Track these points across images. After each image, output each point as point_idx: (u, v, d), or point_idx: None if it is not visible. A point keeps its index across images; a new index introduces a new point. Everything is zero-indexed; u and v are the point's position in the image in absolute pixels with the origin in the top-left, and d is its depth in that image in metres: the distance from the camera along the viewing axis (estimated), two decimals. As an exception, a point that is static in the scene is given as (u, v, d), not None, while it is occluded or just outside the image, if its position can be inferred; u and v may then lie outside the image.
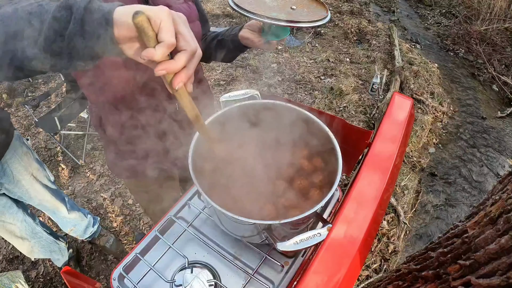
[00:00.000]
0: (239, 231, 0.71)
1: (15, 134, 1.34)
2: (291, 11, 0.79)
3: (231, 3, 0.78)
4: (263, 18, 0.73)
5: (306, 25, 0.74)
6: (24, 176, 1.39)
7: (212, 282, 0.69)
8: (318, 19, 0.76)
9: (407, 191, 2.40)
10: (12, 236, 1.49)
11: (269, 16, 0.73)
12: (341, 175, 0.65)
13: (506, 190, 0.65)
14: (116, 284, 0.70)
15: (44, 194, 1.52)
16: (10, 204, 1.41)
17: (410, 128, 0.81)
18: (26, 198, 1.45)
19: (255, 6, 0.77)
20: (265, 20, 0.73)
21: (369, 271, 1.91)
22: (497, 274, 0.53)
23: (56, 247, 1.68)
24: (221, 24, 4.35)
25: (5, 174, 1.32)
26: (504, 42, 4.27)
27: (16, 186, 1.39)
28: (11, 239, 1.50)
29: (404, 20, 5.07)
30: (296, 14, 0.78)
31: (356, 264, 0.54)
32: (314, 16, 0.78)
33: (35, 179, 1.46)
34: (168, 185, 1.21)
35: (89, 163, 2.49)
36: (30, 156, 1.41)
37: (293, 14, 0.77)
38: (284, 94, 3.25)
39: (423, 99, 3.20)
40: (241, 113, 0.81)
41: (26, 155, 1.39)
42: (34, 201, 1.50)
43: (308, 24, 0.75)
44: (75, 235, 1.78)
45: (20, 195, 1.42)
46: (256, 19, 0.75)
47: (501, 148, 2.93)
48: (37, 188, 1.48)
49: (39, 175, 1.47)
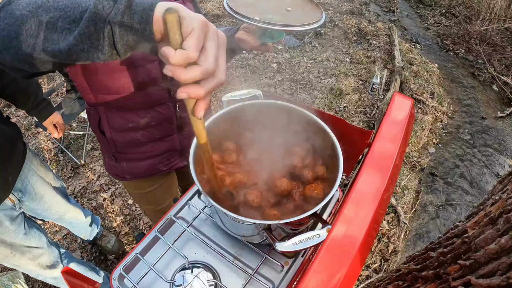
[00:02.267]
0: (239, 230, 0.71)
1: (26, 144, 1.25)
2: (286, 12, 0.79)
3: (226, 7, 0.78)
4: (257, 22, 0.73)
5: (300, 28, 0.74)
6: (45, 189, 1.29)
7: (212, 282, 0.69)
8: (312, 21, 0.76)
9: (407, 191, 2.40)
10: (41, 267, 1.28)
11: (264, 20, 0.72)
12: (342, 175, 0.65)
13: (506, 190, 0.65)
14: (116, 284, 0.70)
15: (65, 206, 1.43)
16: (31, 225, 1.24)
17: (410, 128, 0.81)
18: (46, 215, 1.34)
19: (251, 8, 0.77)
20: (259, 25, 0.73)
21: (369, 271, 1.91)
22: (497, 274, 0.53)
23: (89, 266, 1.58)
24: (221, 24, 4.35)
25: (27, 191, 1.22)
26: (504, 42, 4.27)
27: (39, 203, 1.28)
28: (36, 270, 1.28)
29: (404, 20, 5.07)
30: (291, 16, 0.78)
31: (357, 264, 0.54)
32: (309, 18, 0.77)
33: (55, 191, 1.36)
34: (166, 187, 1.21)
35: (89, 163, 2.49)
36: (43, 166, 1.32)
37: (288, 16, 0.77)
38: (284, 94, 3.25)
39: (423, 99, 3.20)
40: (243, 113, 0.81)
41: (41, 166, 1.30)
42: (54, 216, 1.40)
43: (302, 28, 0.74)
44: (85, 237, 1.74)
45: (41, 212, 1.31)
46: (250, 24, 0.75)
47: (501, 148, 2.93)
48: (59, 200, 1.39)
49: (56, 184, 1.39)
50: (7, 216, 1.13)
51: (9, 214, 1.14)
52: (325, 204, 0.60)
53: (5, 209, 1.12)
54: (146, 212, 1.37)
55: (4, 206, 1.12)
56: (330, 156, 0.74)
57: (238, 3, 0.78)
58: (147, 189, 1.16)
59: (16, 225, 1.16)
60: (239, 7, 0.76)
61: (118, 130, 0.96)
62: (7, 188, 1.10)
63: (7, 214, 1.13)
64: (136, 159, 1.04)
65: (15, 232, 1.15)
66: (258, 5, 0.80)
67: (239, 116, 0.81)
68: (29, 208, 1.27)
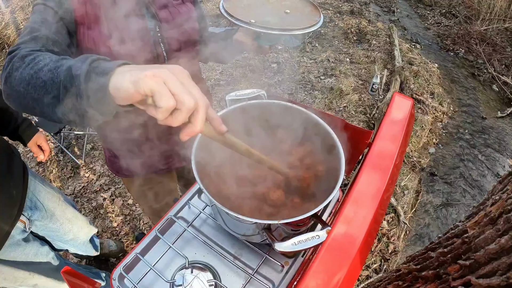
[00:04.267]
0: (240, 229, 0.71)
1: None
2: (284, 15, 0.78)
3: (223, 10, 0.77)
4: (251, 26, 0.72)
5: (297, 32, 0.73)
6: (54, 204, 1.24)
7: (212, 282, 0.69)
8: (310, 25, 0.75)
9: (407, 191, 2.40)
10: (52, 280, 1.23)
11: (259, 24, 0.72)
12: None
13: (506, 190, 0.65)
14: (116, 284, 0.70)
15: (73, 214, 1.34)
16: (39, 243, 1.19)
17: (410, 128, 0.81)
18: (60, 234, 1.27)
19: (248, 10, 0.76)
20: (254, 29, 0.72)
21: (369, 271, 1.91)
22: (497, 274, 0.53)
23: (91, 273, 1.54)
24: (222, 24, 4.35)
25: (37, 208, 1.16)
26: (504, 42, 4.27)
27: (51, 221, 1.22)
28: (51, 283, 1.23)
29: (404, 20, 5.06)
30: (288, 18, 0.77)
31: (357, 264, 0.54)
32: (307, 21, 0.77)
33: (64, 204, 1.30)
34: (167, 185, 1.21)
35: (89, 163, 2.49)
36: (46, 182, 1.25)
37: (286, 19, 0.77)
38: (284, 94, 3.25)
39: (423, 99, 3.20)
40: (245, 112, 0.81)
41: (45, 181, 1.25)
42: (69, 236, 1.32)
43: (298, 32, 0.73)
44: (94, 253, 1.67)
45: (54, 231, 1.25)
46: (242, 27, 0.74)
47: (501, 148, 2.93)
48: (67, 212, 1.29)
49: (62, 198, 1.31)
50: (20, 240, 1.10)
51: (21, 237, 1.11)
52: (325, 204, 0.60)
53: (17, 233, 1.09)
54: (145, 210, 1.37)
55: (16, 230, 1.07)
56: (332, 157, 0.74)
57: (235, 4, 0.78)
58: (146, 186, 1.16)
59: (28, 247, 1.14)
60: (236, 9, 0.75)
61: (115, 128, 0.96)
62: (13, 204, 1.05)
63: (20, 238, 1.10)
64: (135, 157, 1.05)
65: (26, 254, 1.13)
66: (256, 7, 0.79)
67: (240, 116, 0.81)
68: (40, 228, 1.22)
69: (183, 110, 0.43)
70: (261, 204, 0.72)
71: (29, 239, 1.15)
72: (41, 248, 1.19)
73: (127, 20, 0.82)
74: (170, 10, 0.90)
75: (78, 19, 0.76)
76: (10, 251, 1.07)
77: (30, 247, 1.15)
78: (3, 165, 1.02)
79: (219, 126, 0.49)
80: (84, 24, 0.77)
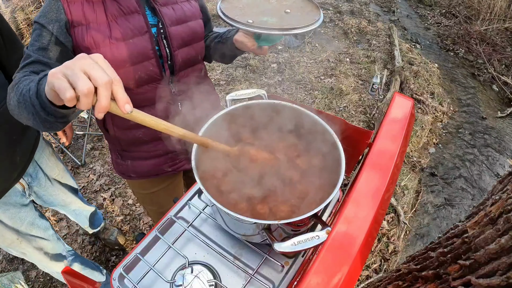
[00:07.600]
0: (240, 229, 0.71)
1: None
2: (284, 15, 0.77)
3: (220, 12, 0.76)
4: (247, 26, 0.70)
5: (296, 32, 0.72)
6: (55, 178, 1.31)
7: (212, 282, 0.69)
8: (309, 23, 0.74)
9: (407, 191, 2.40)
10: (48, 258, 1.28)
11: (256, 24, 0.71)
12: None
13: (506, 190, 0.65)
14: (116, 284, 0.70)
15: (72, 198, 1.45)
16: (39, 214, 1.24)
17: (410, 128, 0.81)
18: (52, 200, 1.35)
19: (246, 10, 0.75)
20: (251, 30, 0.71)
21: (369, 271, 1.91)
22: (497, 274, 0.53)
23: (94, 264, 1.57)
24: (222, 24, 4.35)
25: (37, 177, 1.22)
26: (504, 42, 4.27)
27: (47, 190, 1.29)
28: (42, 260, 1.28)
29: (404, 20, 5.07)
30: (288, 18, 0.76)
31: (357, 265, 0.54)
32: (306, 20, 0.76)
33: (64, 182, 1.39)
34: (171, 189, 1.20)
35: (89, 163, 2.49)
36: (54, 156, 1.34)
37: (285, 19, 0.76)
38: (284, 94, 3.25)
39: (423, 99, 3.20)
40: (246, 112, 0.81)
41: (52, 156, 1.32)
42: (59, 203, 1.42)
43: (297, 31, 0.72)
44: (87, 228, 1.76)
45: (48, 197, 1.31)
46: (241, 28, 0.73)
47: (501, 148, 2.93)
48: (66, 192, 1.40)
49: (66, 176, 1.40)
50: (17, 202, 1.13)
51: (19, 201, 1.14)
52: (325, 204, 0.60)
53: (15, 194, 1.12)
54: (149, 213, 1.37)
55: (14, 190, 1.12)
56: (332, 158, 0.74)
57: (233, 4, 0.77)
58: (151, 189, 1.16)
59: (24, 212, 1.16)
60: (234, 9, 0.74)
61: (120, 127, 0.96)
62: (14, 168, 1.07)
63: (17, 201, 1.13)
64: (141, 158, 1.04)
65: (21, 219, 1.15)
66: (255, 7, 0.78)
67: (240, 116, 0.81)
68: (38, 196, 1.27)
69: (100, 89, 0.47)
70: (261, 204, 0.72)
71: (28, 205, 1.18)
72: (38, 220, 1.22)
73: (127, 18, 0.82)
74: (173, 7, 0.90)
75: (74, 22, 0.76)
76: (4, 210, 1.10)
77: (27, 213, 1.17)
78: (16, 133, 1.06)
79: (122, 107, 0.51)
80: (83, 25, 0.77)
